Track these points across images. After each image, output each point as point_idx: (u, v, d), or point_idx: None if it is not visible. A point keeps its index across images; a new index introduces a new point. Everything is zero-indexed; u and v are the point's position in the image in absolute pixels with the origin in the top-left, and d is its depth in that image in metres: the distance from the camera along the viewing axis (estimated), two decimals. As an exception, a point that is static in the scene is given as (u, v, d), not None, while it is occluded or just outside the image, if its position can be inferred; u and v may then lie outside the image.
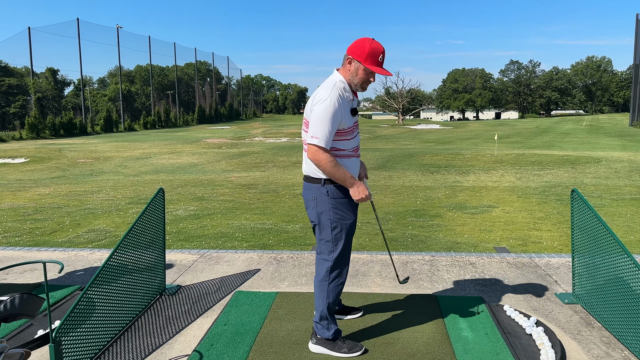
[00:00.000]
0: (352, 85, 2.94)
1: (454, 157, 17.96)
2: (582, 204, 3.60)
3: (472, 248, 5.96)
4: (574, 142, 27.01)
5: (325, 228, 3.00)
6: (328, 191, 2.95)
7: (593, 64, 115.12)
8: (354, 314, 3.60)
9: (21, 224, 7.72)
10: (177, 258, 5.19)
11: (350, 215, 3.02)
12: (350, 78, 2.91)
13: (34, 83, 48.89)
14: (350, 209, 3.02)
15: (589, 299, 3.67)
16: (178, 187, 11.77)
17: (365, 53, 2.81)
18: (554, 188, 10.64)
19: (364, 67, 2.84)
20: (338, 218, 2.97)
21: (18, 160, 20.36)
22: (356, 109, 2.99)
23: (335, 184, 2.94)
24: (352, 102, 2.97)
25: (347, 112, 2.91)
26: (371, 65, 2.83)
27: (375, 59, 2.83)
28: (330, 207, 2.96)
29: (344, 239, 3.01)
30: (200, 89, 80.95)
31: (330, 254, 3.03)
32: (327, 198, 2.95)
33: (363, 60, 2.82)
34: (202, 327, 3.52)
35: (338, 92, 2.85)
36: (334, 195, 2.95)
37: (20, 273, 4.75)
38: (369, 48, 2.81)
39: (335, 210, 2.97)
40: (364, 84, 2.91)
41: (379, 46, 2.83)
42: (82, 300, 2.89)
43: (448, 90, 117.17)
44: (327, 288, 3.05)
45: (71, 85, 78.69)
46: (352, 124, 2.96)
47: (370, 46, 2.82)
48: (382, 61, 2.86)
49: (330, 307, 3.07)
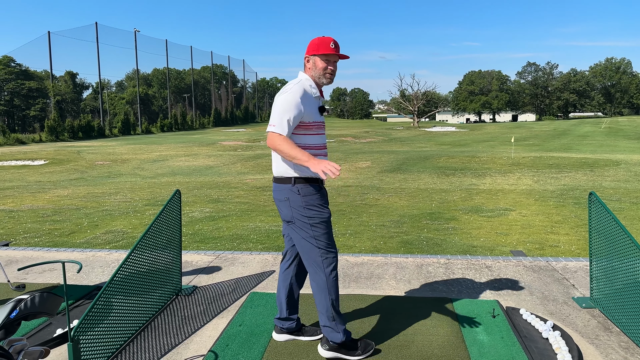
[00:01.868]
0: (317, 81, 3.02)
1: (470, 160, 17.84)
2: (600, 208, 3.56)
3: (488, 251, 5.91)
4: (592, 144, 26.64)
5: (304, 227, 2.98)
6: (299, 190, 2.96)
7: (612, 65, 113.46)
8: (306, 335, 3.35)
9: (40, 225, 7.85)
10: (193, 259, 5.23)
11: (325, 209, 3.02)
12: (312, 74, 3.01)
13: (53, 86, 49.68)
14: (323, 203, 3.03)
15: (607, 303, 3.62)
16: (194, 189, 11.86)
17: (315, 45, 2.96)
18: (571, 191, 10.51)
19: (318, 56, 2.96)
20: (313, 214, 2.98)
21: (38, 163, 20.70)
22: (324, 107, 3.07)
23: (305, 182, 2.97)
24: (319, 100, 3.05)
25: (313, 107, 2.98)
26: (323, 51, 2.94)
27: (326, 47, 2.94)
28: (304, 205, 2.97)
29: (325, 232, 3.01)
30: (216, 92, 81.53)
31: (316, 249, 2.99)
32: (299, 197, 2.96)
33: (315, 51, 2.96)
34: (218, 328, 3.55)
35: (302, 86, 2.95)
36: (305, 193, 2.96)
37: (40, 273, 4.84)
38: (317, 40, 2.96)
39: (309, 207, 2.97)
40: (325, 73, 2.99)
41: (326, 37, 2.97)
42: (99, 300, 2.93)
43: (464, 93, 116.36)
44: (327, 283, 3.00)
45: (89, 89, 79.92)
46: (318, 119, 3.02)
47: (318, 39, 2.97)
48: (336, 47, 2.96)
49: (334, 303, 3.02)
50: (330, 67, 2.98)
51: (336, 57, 3.00)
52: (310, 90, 2.98)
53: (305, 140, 2.98)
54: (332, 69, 2.98)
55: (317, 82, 3.03)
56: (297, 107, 2.86)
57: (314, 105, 2.98)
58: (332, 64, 2.99)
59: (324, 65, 2.97)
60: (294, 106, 2.86)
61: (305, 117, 2.92)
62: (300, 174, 2.96)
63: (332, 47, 2.94)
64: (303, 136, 2.97)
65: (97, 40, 51.11)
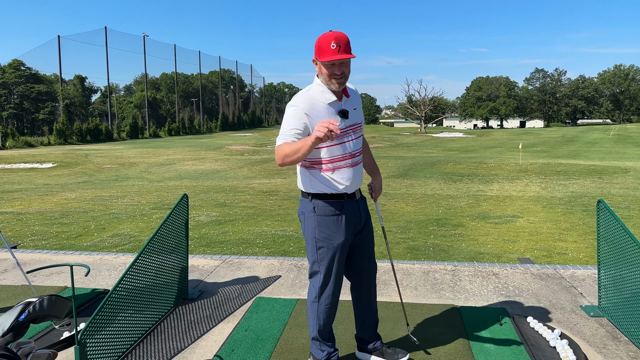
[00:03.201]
0: (328, 86, 2.67)
1: (477, 166, 17.78)
2: (609, 215, 3.53)
3: (495, 258, 5.88)
4: (600, 151, 26.49)
5: (310, 246, 2.84)
6: (315, 207, 2.77)
7: (621, 72, 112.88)
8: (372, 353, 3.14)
9: (48, 227, 7.89)
10: (199, 263, 5.24)
11: (338, 235, 2.75)
12: (321, 79, 2.68)
13: (62, 90, 50.11)
14: (339, 228, 2.75)
15: (616, 312, 3.59)
16: (201, 193, 11.90)
17: (316, 48, 2.61)
18: (579, 198, 10.44)
19: (321, 62, 2.61)
20: (323, 237, 2.76)
21: (46, 165, 20.85)
22: (344, 111, 2.62)
23: (323, 200, 2.75)
24: (336, 104, 2.69)
25: (324, 115, 2.64)
26: (324, 57, 2.57)
27: (327, 49, 2.55)
28: (315, 225, 2.77)
29: (330, 260, 2.79)
30: (223, 96, 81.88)
31: (317, 275, 2.86)
32: (314, 215, 2.77)
33: (318, 56, 2.61)
34: (223, 333, 3.55)
35: (309, 96, 2.67)
36: (320, 212, 2.75)
37: (47, 276, 4.86)
38: (318, 42, 2.60)
39: (321, 228, 2.76)
40: (332, 78, 2.62)
41: (327, 35, 2.56)
42: (107, 304, 2.94)
43: (472, 99, 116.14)
44: (317, 310, 2.89)
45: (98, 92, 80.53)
46: None
47: (318, 40, 2.60)
48: (340, 46, 2.54)
49: (321, 330, 2.92)
50: (335, 72, 2.59)
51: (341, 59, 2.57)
52: (321, 97, 2.67)
53: (325, 154, 2.70)
54: (337, 73, 2.60)
55: (329, 87, 2.68)
56: (295, 118, 2.62)
57: (326, 113, 2.66)
58: (338, 68, 2.59)
59: (329, 72, 2.60)
60: (292, 117, 2.62)
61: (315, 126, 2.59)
62: (318, 190, 2.75)
63: (334, 49, 2.53)
64: (322, 149, 2.69)
65: (107, 44, 51.61)
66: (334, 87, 2.66)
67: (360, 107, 2.91)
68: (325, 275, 2.83)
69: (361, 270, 3.02)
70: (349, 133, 2.75)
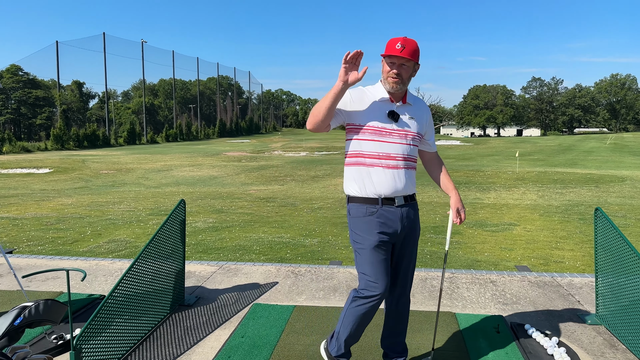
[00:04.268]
0: (384, 85, 2.75)
1: (474, 174, 17.82)
2: (606, 223, 3.54)
3: (492, 266, 5.88)
4: (597, 160, 26.58)
5: (353, 249, 2.85)
6: (349, 210, 2.83)
7: (617, 81, 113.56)
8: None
9: (44, 233, 7.86)
10: (196, 269, 5.22)
11: (368, 237, 2.73)
12: (381, 78, 2.78)
13: (60, 95, 50.09)
14: (370, 229, 2.73)
15: (613, 320, 3.59)
16: (198, 199, 11.88)
17: (386, 47, 2.71)
18: (576, 207, 10.47)
19: (383, 58, 2.72)
20: (359, 238, 2.78)
21: (43, 171, 20.81)
22: (394, 112, 2.71)
23: (358, 202, 2.77)
24: (387, 103, 2.74)
25: (370, 109, 2.72)
26: (386, 52, 2.68)
27: (392, 47, 2.65)
28: (350, 227, 2.83)
29: (364, 261, 2.75)
30: (221, 103, 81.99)
31: (358, 275, 2.83)
32: (349, 217, 2.83)
33: (382, 54, 2.72)
34: (220, 339, 3.53)
35: (364, 87, 2.80)
36: (353, 214, 2.80)
37: (43, 281, 4.84)
38: (387, 43, 2.71)
39: (354, 230, 2.80)
40: (388, 77, 2.69)
41: (398, 37, 2.67)
42: (102, 309, 2.92)
43: (469, 107, 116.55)
44: (346, 309, 2.87)
45: (96, 98, 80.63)
46: (376, 125, 2.71)
47: (389, 40, 2.70)
48: (404, 47, 2.62)
49: (340, 330, 2.88)
50: (393, 71, 2.66)
51: (402, 59, 2.63)
52: (375, 92, 2.76)
53: (357, 146, 2.76)
54: (395, 72, 2.65)
55: (387, 89, 2.73)
56: (345, 97, 2.71)
57: (373, 108, 2.72)
58: (397, 67, 2.65)
59: (387, 69, 2.69)
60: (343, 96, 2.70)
61: (354, 116, 2.73)
62: (353, 193, 2.79)
63: (398, 48, 2.61)
64: (355, 141, 2.76)
65: (105, 50, 51.69)
66: (388, 87, 2.71)
67: (424, 120, 2.89)
68: (366, 279, 2.75)
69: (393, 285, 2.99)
70: (394, 135, 2.74)
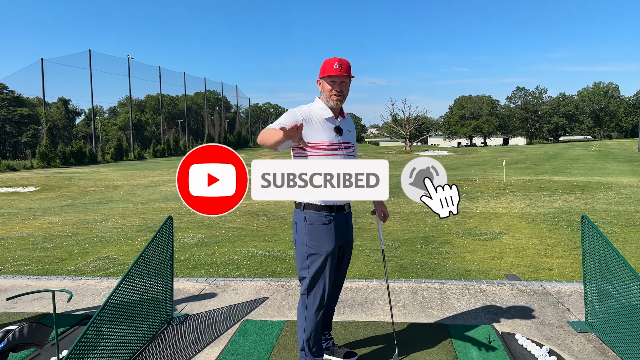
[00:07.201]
0: (327, 103, 3.00)
1: (462, 183, 17.91)
2: (593, 231, 3.57)
3: (482, 275, 5.89)
4: (583, 167, 26.87)
5: (301, 255, 2.98)
6: (306, 217, 2.95)
7: (600, 90, 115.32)
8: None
9: (30, 252, 7.75)
10: (185, 286, 5.17)
11: (327, 244, 2.93)
12: (323, 97, 3.02)
13: (45, 113, 49.67)
14: (329, 237, 2.94)
15: (603, 327, 3.60)
16: (186, 215, 11.79)
17: (322, 68, 2.98)
18: (564, 214, 10.55)
19: (323, 79, 2.97)
20: (314, 244, 2.93)
21: (28, 189, 20.54)
22: (339, 127, 3.01)
23: (316, 209, 2.93)
24: (332, 120, 3.00)
25: (318, 127, 2.94)
26: (326, 74, 2.94)
27: (330, 68, 2.92)
28: (306, 233, 2.94)
29: (318, 266, 2.94)
30: (209, 117, 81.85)
31: (304, 280, 2.98)
32: (305, 224, 2.95)
33: (321, 74, 2.98)
34: (210, 357, 3.49)
35: (309, 107, 3.01)
36: (312, 221, 2.93)
37: (29, 302, 4.75)
38: (324, 63, 2.98)
39: (311, 236, 2.93)
40: (331, 95, 2.96)
41: (332, 58, 2.95)
42: (89, 330, 2.87)
43: (455, 117, 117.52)
44: (304, 318, 3.00)
45: (82, 115, 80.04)
46: (325, 140, 2.94)
47: (324, 62, 2.98)
48: (341, 67, 2.91)
49: (309, 339, 3.01)
50: (335, 89, 2.95)
51: (342, 77, 2.94)
52: (320, 112, 2.98)
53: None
54: (337, 90, 2.95)
55: (329, 105, 3.01)
56: (291, 119, 2.87)
57: (321, 126, 2.95)
58: (338, 85, 2.95)
59: (329, 88, 2.95)
60: (289, 117, 2.90)
61: (307, 135, 2.88)
62: (311, 201, 2.93)
63: (336, 68, 2.90)
64: (311, 157, 2.91)
65: (91, 66, 51.38)
66: (332, 104, 2.99)
67: (354, 132, 3.18)
68: (312, 279, 2.96)
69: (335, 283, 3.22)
70: (342, 148, 3.00)
